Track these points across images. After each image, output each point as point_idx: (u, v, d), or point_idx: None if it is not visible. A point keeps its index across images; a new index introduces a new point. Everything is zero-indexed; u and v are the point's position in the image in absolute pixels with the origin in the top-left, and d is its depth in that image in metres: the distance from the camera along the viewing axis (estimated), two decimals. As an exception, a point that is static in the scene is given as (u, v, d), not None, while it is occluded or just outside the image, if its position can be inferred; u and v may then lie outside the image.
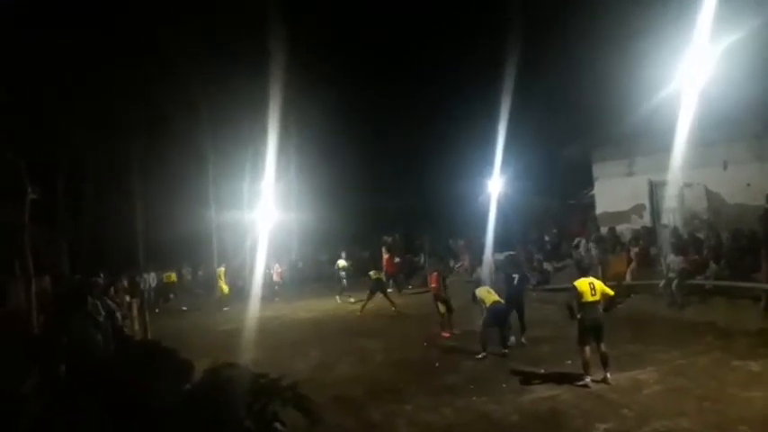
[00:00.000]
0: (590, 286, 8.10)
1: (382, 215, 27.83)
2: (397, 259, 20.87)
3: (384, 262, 19.19)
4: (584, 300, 8.03)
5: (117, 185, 24.52)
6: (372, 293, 15.66)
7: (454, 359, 9.96)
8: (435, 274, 12.34)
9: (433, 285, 12.19)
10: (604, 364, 8.00)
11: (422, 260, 24.15)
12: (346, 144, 25.49)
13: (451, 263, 23.14)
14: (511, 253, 17.41)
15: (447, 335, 11.66)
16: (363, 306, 15.63)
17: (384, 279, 16.64)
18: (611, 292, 8.49)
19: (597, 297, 8.08)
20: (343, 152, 25.67)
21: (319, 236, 27.05)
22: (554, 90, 19.13)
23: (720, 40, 11.45)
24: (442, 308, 11.84)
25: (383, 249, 20.18)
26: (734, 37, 11.24)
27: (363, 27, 24.96)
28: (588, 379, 7.90)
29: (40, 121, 19.15)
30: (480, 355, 9.77)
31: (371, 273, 16.15)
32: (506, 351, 9.88)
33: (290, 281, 23.70)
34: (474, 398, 7.80)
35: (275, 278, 20.94)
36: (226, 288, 19.58)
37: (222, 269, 20.05)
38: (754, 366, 8.16)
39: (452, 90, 25.31)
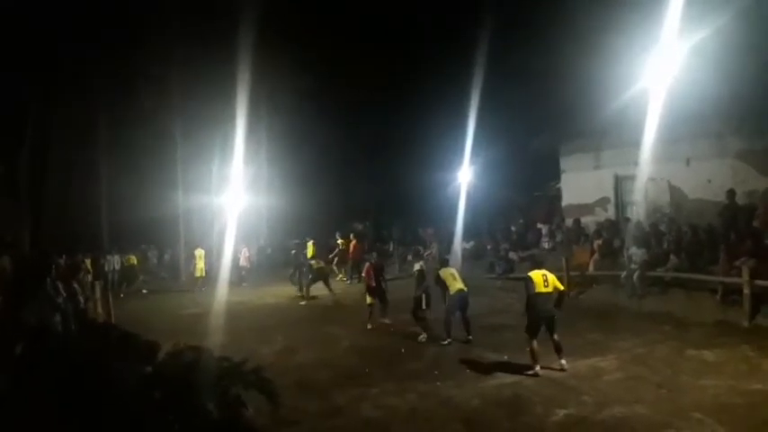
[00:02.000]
0: (543, 278, 8.25)
1: (353, 203, 27.80)
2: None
3: (351, 248, 19.32)
4: (537, 290, 8.15)
5: (83, 165, 24.03)
6: (314, 281, 15.89)
7: (419, 345, 10.05)
8: (368, 265, 12.29)
9: (364, 275, 12.12)
10: (558, 351, 8.16)
11: (390, 248, 24.27)
12: (317, 132, 25.31)
13: (420, 250, 23.28)
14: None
15: (371, 326, 11.60)
16: (306, 293, 15.91)
17: (325, 269, 16.58)
18: (563, 287, 8.62)
19: (550, 289, 8.22)
20: (315, 140, 25.51)
21: (289, 222, 26.90)
22: (523, 83, 19.29)
23: (687, 39, 11.68)
24: (369, 299, 11.83)
25: (350, 236, 20.20)
26: (700, 35, 11.47)
27: (337, 15, 24.74)
28: (537, 368, 8.03)
29: (3, 96, 18.64)
30: (445, 342, 9.88)
31: (313, 262, 16.42)
32: (470, 338, 9.99)
33: (259, 266, 23.55)
34: (438, 383, 7.90)
35: (242, 263, 20.79)
36: (202, 270, 19.56)
37: (201, 251, 19.98)
38: (709, 356, 8.42)
39: (424, 81, 25.29)
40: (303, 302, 15.60)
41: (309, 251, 21.63)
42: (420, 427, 6.56)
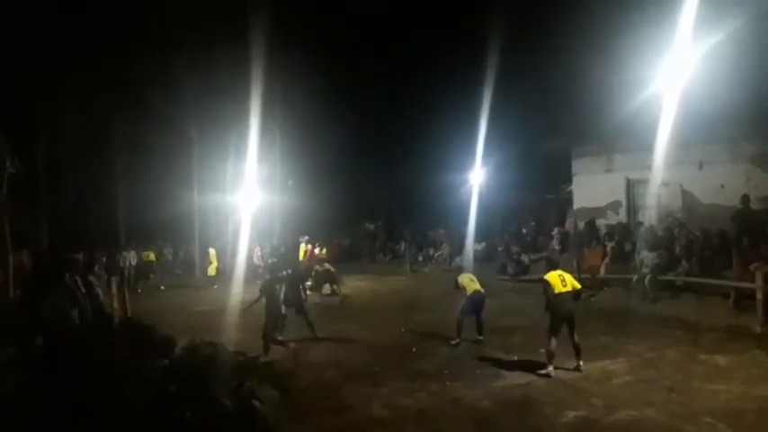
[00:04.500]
0: (560, 278, 8.28)
1: (365, 203, 27.89)
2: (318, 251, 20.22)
3: (307, 254, 19.08)
4: (556, 291, 8.17)
5: (99, 163, 24.31)
6: (317, 285, 15.63)
7: (430, 345, 10.10)
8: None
9: None
10: (577, 353, 8.20)
11: (402, 248, 24.39)
12: (330, 131, 25.39)
13: (431, 251, 23.42)
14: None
15: (280, 338, 10.58)
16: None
17: (332, 272, 16.31)
18: (579, 285, 8.61)
19: (569, 288, 8.24)
20: (327, 139, 25.59)
21: (302, 220, 27.04)
22: (536, 86, 19.28)
23: (701, 42, 11.66)
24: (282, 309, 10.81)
25: (304, 240, 19.89)
26: (714, 39, 11.45)
27: (350, 16, 24.84)
28: (551, 368, 8.07)
29: (20, 94, 18.89)
30: (454, 342, 9.92)
31: (317, 267, 16.29)
32: (481, 338, 10.03)
33: (272, 264, 23.66)
34: (448, 383, 7.94)
35: (255, 261, 20.93)
36: (215, 269, 19.62)
37: (214, 251, 20.10)
38: (721, 360, 8.40)
39: (437, 82, 25.37)
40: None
41: (301, 253, 21.44)
42: (430, 427, 6.60)
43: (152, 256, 21.37)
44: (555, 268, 8.63)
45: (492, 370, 8.49)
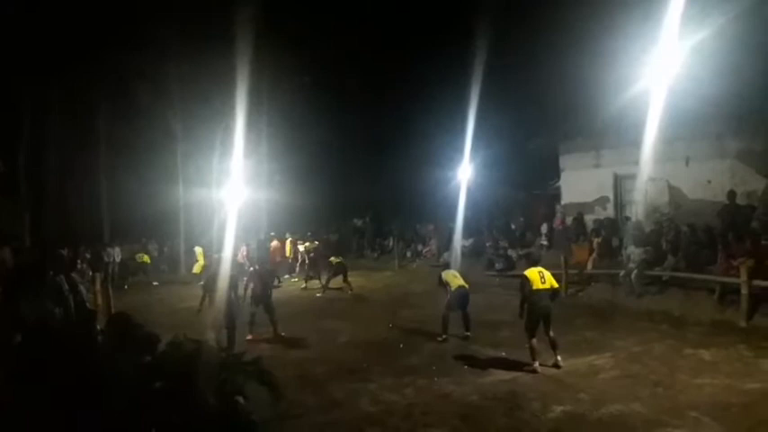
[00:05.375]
0: (539, 275, 8.30)
1: (354, 198, 27.83)
2: (302, 248, 19.93)
3: (271, 251, 19.07)
4: (534, 287, 8.19)
5: (83, 159, 24.06)
6: (334, 276, 16.19)
7: (418, 341, 10.08)
8: (252, 271, 11.66)
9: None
10: (554, 348, 8.24)
11: (390, 244, 24.38)
12: (318, 126, 25.33)
13: (419, 247, 23.43)
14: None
15: (251, 337, 10.64)
16: (324, 287, 16.20)
17: (345, 264, 16.60)
18: (557, 284, 8.63)
19: (547, 285, 8.27)
20: (316, 134, 25.52)
21: (289, 217, 26.93)
22: (524, 81, 19.30)
23: (687, 38, 11.69)
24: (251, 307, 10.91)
25: (270, 236, 19.85)
26: (700, 35, 11.49)
27: (336, 12, 24.74)
28: (536, 364, 8.08)
29: (2, 90, 18.65)
30: (441, 338, 9.91)
31: (332, 258, 16.64)
32: (468, 334, 10.03)
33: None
34: (435, 378, 7.94)
35: (240, 260, 20.67)
36: (199, 267, 19.57)
37: (200, 249, 19.98)
38: (706, 355, 8.46)
39: (425, 78, 25.34)
40: (319, 294, 15.91)
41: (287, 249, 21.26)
42: (418, 422, 6.58)
43: (146, 258, 21.46)
44: (535, 265, 8.68)
45: (479, 365, 8.50)
